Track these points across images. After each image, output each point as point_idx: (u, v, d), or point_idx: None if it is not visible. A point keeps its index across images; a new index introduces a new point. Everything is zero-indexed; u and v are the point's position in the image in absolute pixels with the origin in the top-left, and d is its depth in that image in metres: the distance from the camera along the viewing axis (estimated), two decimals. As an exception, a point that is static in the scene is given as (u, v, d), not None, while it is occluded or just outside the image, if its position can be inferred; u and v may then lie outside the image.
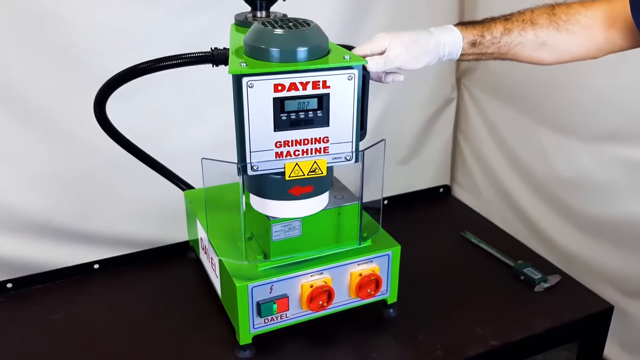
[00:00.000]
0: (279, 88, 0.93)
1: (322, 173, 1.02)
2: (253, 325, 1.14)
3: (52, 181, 1.48)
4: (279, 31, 0.95)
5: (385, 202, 1.74)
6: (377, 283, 1.20)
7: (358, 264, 1.19)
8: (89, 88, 1.20)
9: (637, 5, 1.01)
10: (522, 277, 1.39)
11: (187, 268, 1.44)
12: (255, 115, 0.94)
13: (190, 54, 1.09)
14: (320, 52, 0.97)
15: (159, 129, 1.55)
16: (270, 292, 1.14)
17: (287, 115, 0.96)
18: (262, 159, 0.98)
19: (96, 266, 1.45)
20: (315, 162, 1.00)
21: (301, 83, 0.94)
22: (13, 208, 1.44)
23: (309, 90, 0.94)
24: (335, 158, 1.02)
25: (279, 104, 0.94)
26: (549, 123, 1.78)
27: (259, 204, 1.11)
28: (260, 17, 1.16)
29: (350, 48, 1.06)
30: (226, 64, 1.08)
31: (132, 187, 1.55)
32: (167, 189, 1.43)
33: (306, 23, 0.99)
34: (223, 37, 1.26)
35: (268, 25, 0.97)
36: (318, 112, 0.97)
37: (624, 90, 1.52)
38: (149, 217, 1.58)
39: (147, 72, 1.12)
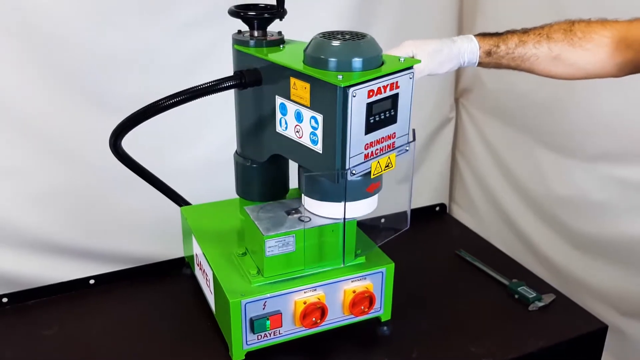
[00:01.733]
0: (371, 94, 1.00)
1: (393, 166, 1.10)
2: (246, 341, 1.15)
3: (48, 197, 1.49)
4: (351, 42, 1.03)
5: (382, 220, 1.75)
6: (371, 300, 1.20)
7: (352, 281, 1.19)
8: (90, 106, 1.21)
9: None
10: (516, 296, 1.39)
11: (183, 284, 1.44)
12: (355, 123, 1.01)
13: (221, 80, 1.11)
14: (381, 59, 1.06)
15: (158, 145, 1.56)
16: (263, 309, 1.14)
17: (373, 118, 1.03)
18: (356, 162, 1.04)
19: (92, 281, 1.45)
20: (388, 157, 1.08)
21: (383, 87, 1.01)
22: (10, 223, 1.45)
23: (387, 92, 1.03)
24: (399, 151, 1.10)
25: (369, 109, 1.01)
26: (546, 142, 1.79)
27: (328, 209, 1.14)
28: (257, 37, 1.17)
29: None
30: (254, 85, 1.13)
31: (128, 203, 1.56)
32: (164, 205, 1.43)
33: (361, 34, 1.06)
34: (222, 55, 1.28)
35: (329, 38, 1.04)
36: (391, 111, 1.05)
37: (620, 111, 1.53)
38: (144, 233, 1.59)
39: (181, 103, 1.11)
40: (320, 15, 1.65)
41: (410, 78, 1.06)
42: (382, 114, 1.04)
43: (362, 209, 1.14)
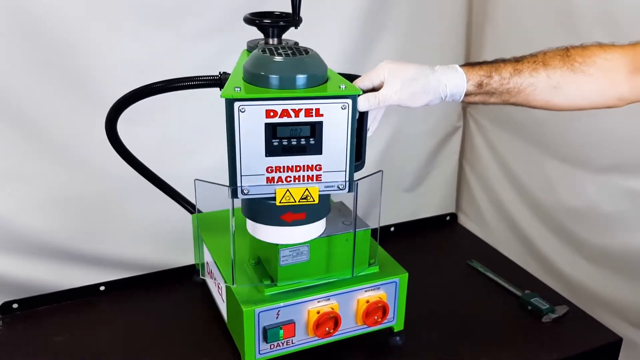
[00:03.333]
0: (271, 114, 0.94)
1: (314, 200, 1.01)
2: (259, 350, 1.14)
3: (59, 203, 1.49)
4: (276, 58, 0.96)
5: (392, 229, 1.74)
6: (384, 310, 1.20)
7: (365, 291, 1.19)
8: (100, 111, 1.21)
9: None
10: (529, 307, 1.38)
11: (193, 291, 1.43)
12: (246, 140, 0.95)
13: (200, 76, 1.11)
14: (316, 80, 0.97)
15: (169, 151, 1.56)
16: (277, 318, 1.13)
17: (279, 141, 0.96)
18: (253, 183, 0.98)
19: (102, 288, 1.44)
20: (307, 189, 1.00)
21: (294, 110, 0.94)
22: (21, 229, 1.45)
23: (302, 118, 0.95)
24: (327, 186, 1.01)
25: (270, 130, 0.95)
26: (555, 153, 1.79)
27: (251, 227, 1.11)
28: (272, 44, 1.17)
29: (354, 77, 1.06)
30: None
31: (139, 210, 1.56)
32: (175, 212, 1.43)
33: (305, 51, 1.00)
34: (231, 63, 1.27)
35: (267, 52, 0.98)
36: (311, 139, 0.96)
37: (630, 122, 1.53)
38: (155, 239, 1.58)
39: (159, 92, 1.12)
40: (331, 23, 1.65)
41: (344, 108, 0.95)
42: (293, 139, 0.96)
43: (280, 236, 1.07)
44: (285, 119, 0.94)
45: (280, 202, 1.00)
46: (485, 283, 1.51)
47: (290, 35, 1.20)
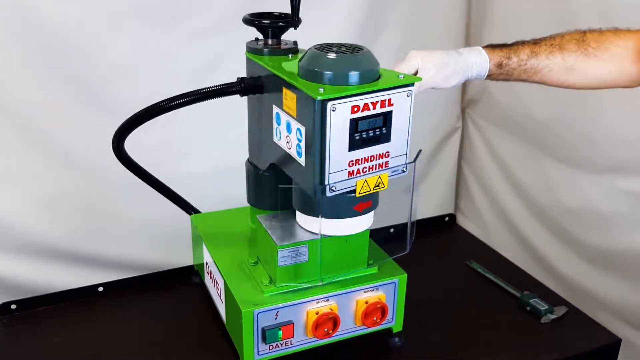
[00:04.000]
0: (355, 109, 0.98)
1: (385, 186, 1.06)
2: (258, 351, 1.14)
3: (58, 204, 1.48)
4: (347, 55, 1.00)
5: (392, 230, 1.74)
6: (383, 311, 1.20)
7: (364, 292, 1.19)
8: (100, 113, 1.21)
9: None
10: (528, 308, 1.38)
11: (192, 292, 1.43)
12: (335, 138, 0.98)
13: (222, 86, 1.11)
14: (377, 74, 1.03)
15: (167, 153, 1.56)
16: (275, 318, 1.13)
17: (359, 134, 1.00)
18: (338, 179, 1.02)
19: (100, 289, 1.44)
20: (379, 177, 1.04)
21: (372, 103, 0.98)
22: (19, 230, 1.44)
23: (378, 109, 0.99)
24: (394, 171, 1.06)
25: (354, 125, 0.99)
26: (553, 153, 1.79)
27: (310, 223, 1.13)
28: (272, 45, 1.17)
29: None
30: (254, 92, 1.12)
31: (138, 211, 1.55)
32: (173, 213, 1.43)
33: (358, 48, 1.03)
34: (234, 63, 1.28)
35: (323, 50, 1.01)
36: (383, 129, 1.01)
37: (629, 123, 1.53)
38: (154, 240, 1.58)
39: (179, 107, 1.12)
40: (330, 24, 1.65)
41: (408, 96, 1.01)
42: (370, 131, 1.00)
43: (350, 226, 1.11)
44: (365, 113, 0.99)
45: (359, 193, 1.04)
46: (484, 284, 1.51)
47: (290, 35, 1.20)
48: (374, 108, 0.99)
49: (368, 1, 1.69)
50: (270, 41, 1.18)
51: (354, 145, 1.00)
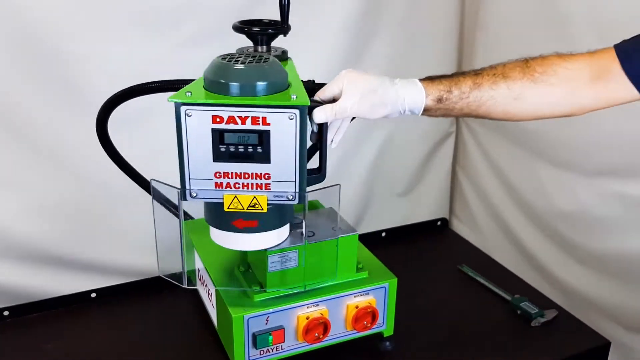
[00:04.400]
0: (217, 120, 0.94)
1: (262, 209, 1.00)
2: (248, 356, 1.14)
3: (50, 210, 1.48)
4: (233, 66, 0.97)
5: (383, 234, 1.75)
6: (374, 315, 1.20)
7: (355, 296, 1.19)
8: (92, 119, 1.22)
9: (626, 55, 0.98)
10: (518, 312, 1.39)
11: (184, 298, 1.44)
12: (194, 144, 0.96)
13: (179, 80, 1.13)
14: (270, 88, 0.97)
15: (158, 158, 1.56)
16: (266, 324, 1.14)
17: (226, 147, 0.96)
18: (201, 186, 0.99)
19: (93, 295, 1.45)
20: (255, 197, 1.00)
21: (240, 117, 0.94)
22: (11, 236, 1.44)
23: (249, 125, 0.95)
24: (277, 196, 1.00)
25: (217, 135, 0.96)
26: (548, 157, 1.80)
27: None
28: (261, 52, 1.18)
29: (322, 85, 1.05)
30: None
31: (131, 216, 1.55)
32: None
33: (265, 59, 1.00)
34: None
35: (227, 59, 0.99)
36: (258, 147, 0.96)
37: (623, 126, 1.53)
38: (146, 246, 1.58)
39: (143, 93, 1.16)
40: (322, 30, 1.66)
41: (291, 119, 0.94)
42: (241, 146, 0.96)
43: (241, 242, 1.06)
44: (232, 126, 0.94)
45: (228, 208, 1.00)
46: (476, 288, 1.51)
47: (280, 42, 1.21)
48: (243, 123, 0.94)
49: (360, 6, 1.69)
50: (259, 48, 1.19)
51: (219, 156, 0.96)
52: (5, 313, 1.37)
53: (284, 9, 1.15)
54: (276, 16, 1.17)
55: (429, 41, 1.85)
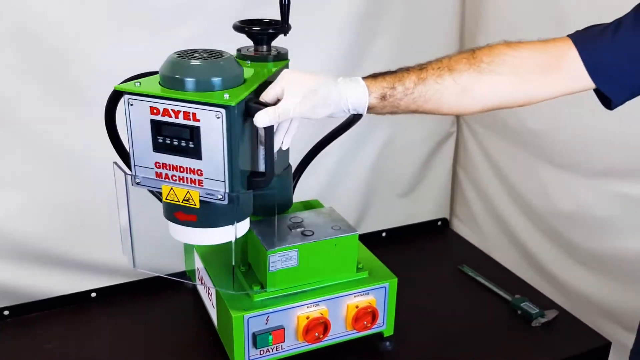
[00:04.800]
0: (154, 111, 0.96)
1: (195, 205, 1.00)
2: (248, 356, 1.14)
3: (51, 209, 1.49)
4: (178, 59, 0.99)
5: (383, 234, 1.75)
6: (374, 315, 1.20)
7: (355, 296, 1.19)
8: (94, 119, 1.22)
9: (583, 44, 0.96)
10: (519, 312, 1.39)
11: (184, 298, 1.44)
12: (137, 132, 0.99)
13: None
14: (199, 85, 0.97)
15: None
16: (266, 323, 1.14)
17: (163, 138, 0.98)
18: (144, 174, 1.02)
19: (93, 294, 1.45)
20: (188, 191, 1.00)
21: (174, 111, 0.95)
22: (12, 235, 1.45)
23: (181, 120, 0.96)
24: (209, 194, 0.99)
25: (155, 126, 0.98)
26: (548, 158, 1.80)
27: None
28: (261, 51, 1.18)
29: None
30: None
31: (131, 216, 1.56)
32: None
33: (220, 55, 1.01)
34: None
35: (181, 54, 1.00)
36: (190, 143, 0.97)
37: (622, 127, 1.53)
38: (147, 246, 1.58)
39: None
40: (322, 30, 1.66)
41: (218, 117, 0.94)
42: (175, 139, 0.97)
43: (184, 234, 1.07)
44: (167, 119, 0.96)
45: (165, 199, 1.02)
46: (476, 288, 1.51)
47: (281, 42, 1.21)
48: (177, 117, 0.95)
49: (361, 6, 1.69)
50: (260, 48, 1.19)
51: (158, 147, 0.99)
52: (6, 312, 1.37)
53: (285, 8, 1.16)
54: (277, 16, 1.17)
55: (429, 41, 1.85)
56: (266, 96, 0.99)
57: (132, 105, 0.97)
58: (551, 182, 1.79)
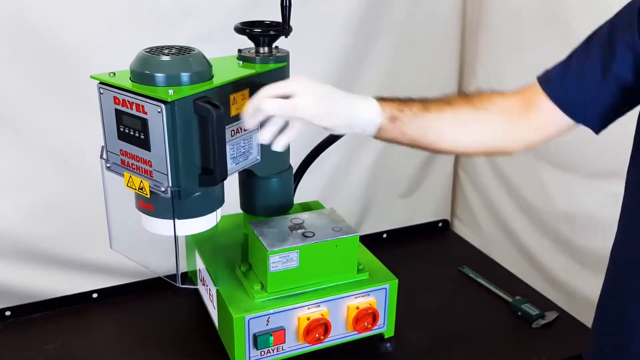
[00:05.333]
0: (117, 101, 1.01)
1: (147, 194, 1.03)
2: (249, 357, 1.14)
3: (52, 210, 1.49)
4: (144, 53, 1.04)
5: (384, 235, 1.75)
6: (374, 316, 1.21)
7: (355, 297, 1.19)
8: (94, 119, 1.22)
9: (546, 82, 0.99)
10: (519, 313, 1.39)
11: (185, 299, 1.44)
12: (108, 119, 1.04)
13: None
14: (145, 78, 1.00)
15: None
16: (267, 324, 1.14)
17: (124, 127, 1.02)
18: (113, 160, 1.07)
19: (95, 295, 1.45)
20: (142, 181, 1.03)
21: (129, 102, 0.99)
22: (13, 236, 1.45)
23: (134, 111, 0.99)
24: (156, 185, 1.01)
25: (117, 116, 1.02)
26: (549, 158, 1.79)
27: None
28: (262, 53, 1.19)
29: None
30: None
31: (132, 216, 1.56)
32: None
33: (187, 51, 1.05)
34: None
35: (151, 50, 1.04)
36: (141, 134, 1.00)
37: (624, 127, 1.53)
38: (148, 246, 1.58)
39: None
40: (323, 32, 1.66)
41: (159, 112, 0.95)
42: (131, 130, 1.01)
43: (150, 224, 1.12)
44: (125, 109, 1.00)
45: (126, 186, 1.06)
46: (477, 289, 1.51)
47: (282, 44, 1.21)
48: (131, 108, 0.99)
49: (361, 7, 1.70)
50: (261, 49, 1.19)
51: (120, 135, 1.03)
52: (7, 313, 1.37)
53: (285, 10, 1.16)
54: (278, 17, 1.18)
55: (430, 41, 1.85)
56: (270, 90, 0.99)
57: (102, 94, 1.03)
58: (552, 183, 1.79)
